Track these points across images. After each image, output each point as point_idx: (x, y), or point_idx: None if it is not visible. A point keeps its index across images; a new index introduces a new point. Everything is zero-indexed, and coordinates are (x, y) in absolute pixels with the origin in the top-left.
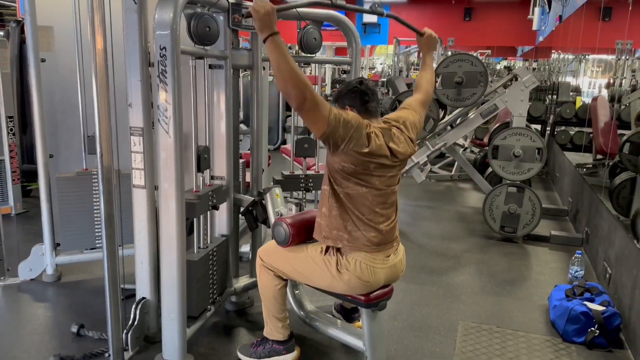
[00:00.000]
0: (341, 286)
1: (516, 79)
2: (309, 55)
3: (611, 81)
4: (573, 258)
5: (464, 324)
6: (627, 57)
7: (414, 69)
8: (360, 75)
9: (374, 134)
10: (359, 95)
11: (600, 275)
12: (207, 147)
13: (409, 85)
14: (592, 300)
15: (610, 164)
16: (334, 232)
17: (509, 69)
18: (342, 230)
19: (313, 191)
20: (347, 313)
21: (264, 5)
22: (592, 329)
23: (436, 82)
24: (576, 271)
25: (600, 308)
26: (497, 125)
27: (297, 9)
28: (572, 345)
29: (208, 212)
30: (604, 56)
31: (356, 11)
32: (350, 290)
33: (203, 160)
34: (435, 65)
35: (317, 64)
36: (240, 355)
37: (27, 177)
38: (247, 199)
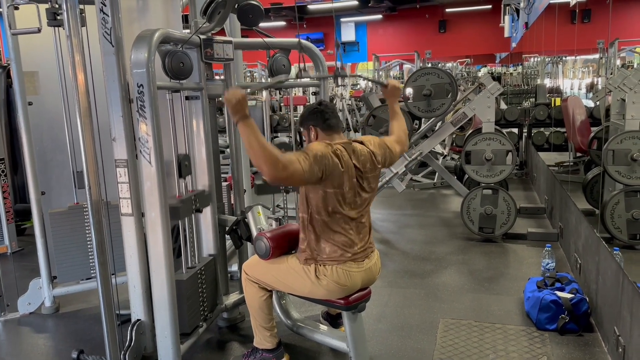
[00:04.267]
0: (321, 292)
1: (482, 87)
2: (280, 80)
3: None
4: (544, 251)
5: (444, 321)
6: (602, 56)
7: None
8: (329, 95)
9: (338, 150)
10: (319, 114)
11: (573, 266)
12: (187, 155)
13: (382, 100)
14: (562, 290)
15: (586, 160)
16: (315, 253)
17: (491, 75)
18: (321, 253)
19: (293, 192)
20: (333, 319)
21: (235, 94)
22: (563, 315)
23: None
24: (547, 263)
25: (569, 295)
26: (471, 131)
27: (265, 39)
28: (545, 332)
29: (194, 233)
30: (573, 57)
31: (320, 78)
32: (330, 294)
33: (184, 167)
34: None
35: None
36: None
37: (21, 216)
38: (231, 218)
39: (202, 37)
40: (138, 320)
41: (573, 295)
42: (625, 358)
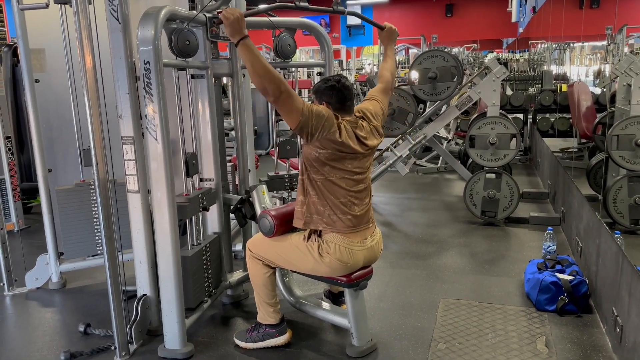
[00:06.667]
0: (324, 269)
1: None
2: (284, 60)
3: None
4: (545, 234)
5: (445, 301)
6: (609, 43)
7: (400, 68)
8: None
9: (343, 125)
10: (336, 93)
11: (574, 250)
12: (194, 154)
13: None
14: (562, 272)
15: (590, 147)
16: (314, 217)
17: (498, 60)
18: (320, 214)
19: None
20: (335, 297)
21: (233, 12)
22: (562, 297)
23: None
24: (549, 246)
25: (569, 277)
26: (476, 115)
27: (271, 19)
28: (544, 313)
29: (199, 213)
30: (580, 43)
31: (317, 11)
32: (332, 272)
33: (191, 166)
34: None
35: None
36: (236, 341)
37: (27, 194)
38: (236, 197)
39: (208, 15)
40: (144, 295)
41: (573, 277)
42: (622, 337)
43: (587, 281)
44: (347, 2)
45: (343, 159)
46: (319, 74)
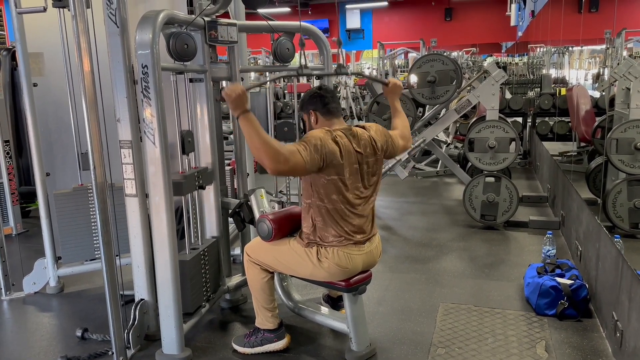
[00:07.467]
0: (322, 274)
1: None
2: (283, 64)
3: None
4: (545, 238)
5: (444, 305)
6: (608, 47)
7: (400, 71)
8: (332, 82)
9: (338, 135)
10: (319, 99)
11: (574, 254)
12: (190, 132)
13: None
14: (562, 276)
15: (590, 150)
16: (318, 239)
17: (497, 64)
18: (325, 239)
19: (296, 178)
20: (334, 302)
21: (235, 89)
22: (562, 301)
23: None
24: (548, 250)
25: (569, 282)
26: (475, 119)
27: (269, 23)
28: (544, 317)
29: (197, 215)
30: (579, 47)
31: (322, 75)
32: (331, 277)
33: (187, 144)
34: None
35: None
36: (234, 346)
37: (26, 198)
38: (234, 201)
39: (206, 19)
40: (142, 299)
41: (573, 282)
42: (622, 342)
43: (586, 285)
44: (347, 5)
45: (344, 188)
46: (318, 78)
